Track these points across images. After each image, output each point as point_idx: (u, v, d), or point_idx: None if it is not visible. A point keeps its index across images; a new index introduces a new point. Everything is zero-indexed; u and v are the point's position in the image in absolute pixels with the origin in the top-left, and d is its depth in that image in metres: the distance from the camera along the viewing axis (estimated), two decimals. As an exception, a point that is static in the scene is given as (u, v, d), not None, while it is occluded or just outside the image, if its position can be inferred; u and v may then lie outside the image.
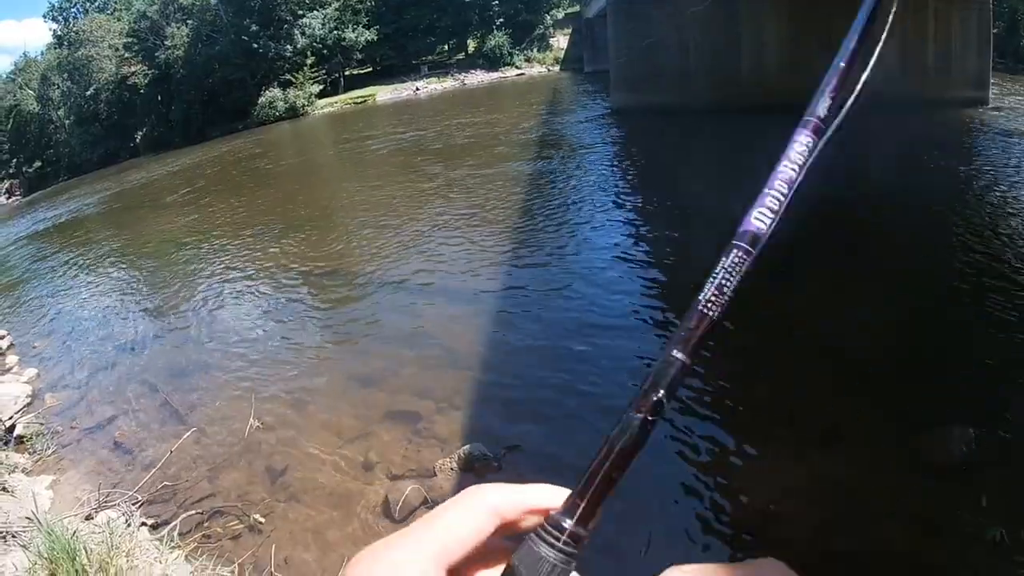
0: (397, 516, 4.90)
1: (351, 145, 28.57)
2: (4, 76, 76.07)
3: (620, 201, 11.20)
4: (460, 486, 5.01)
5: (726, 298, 0.46)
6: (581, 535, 0.45)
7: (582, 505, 0.45)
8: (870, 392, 5.35)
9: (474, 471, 5.15)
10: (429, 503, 4.96)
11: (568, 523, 0.45)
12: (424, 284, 9.58)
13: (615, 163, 14.29)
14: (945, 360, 5.78)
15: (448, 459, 5.30)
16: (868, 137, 9.57)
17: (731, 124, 15.28)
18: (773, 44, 16.47)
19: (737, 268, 0.47)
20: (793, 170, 0.48)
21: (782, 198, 0.48)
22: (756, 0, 16.92)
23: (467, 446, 5.31)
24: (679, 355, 0.46)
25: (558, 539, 0.44)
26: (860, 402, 5.22)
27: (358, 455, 5.77)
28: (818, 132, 0.49)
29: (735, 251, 0.47)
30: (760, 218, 0.47)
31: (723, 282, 0.47)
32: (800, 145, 0.49)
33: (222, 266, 13.76)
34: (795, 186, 0.48)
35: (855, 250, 8.27)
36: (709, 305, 0.46)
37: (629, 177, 12.74)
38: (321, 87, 58.32)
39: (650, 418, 0.46)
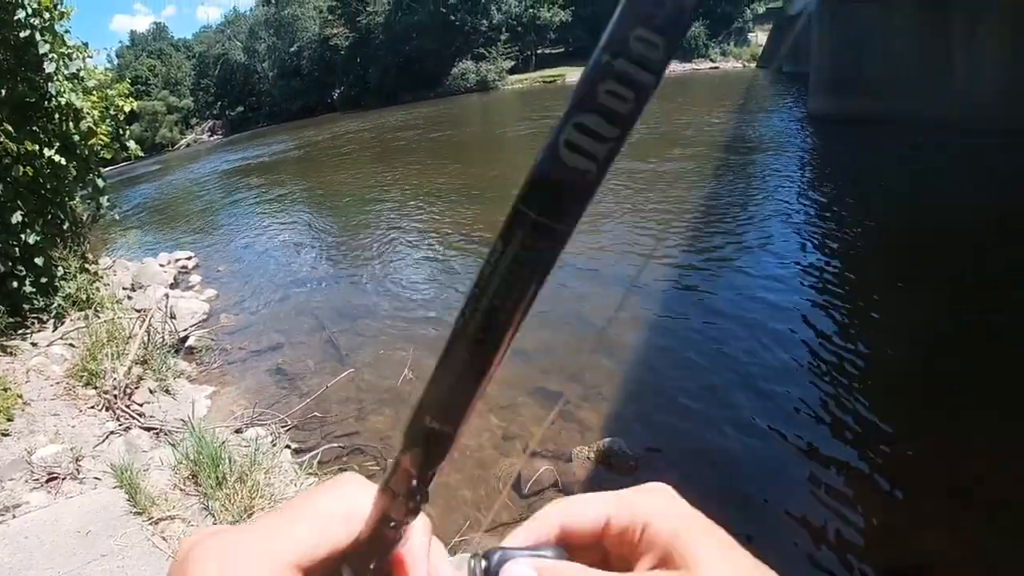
0: (526, 492, 4.88)
1: (536, 123, 28.86)
2: (214, 27, 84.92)
3: (804, 219, 10.37)
4: (594, 476, 4.93)
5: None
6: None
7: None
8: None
9: (610, 466, 5.03)
10: (560, 486, 4.93)
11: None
12: (590, 269, 9.46)
13: (805, 177, 13.28)
14: None
15: (587, 448, 5.21)
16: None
17: (938, 143, 13.80)
18: (991, 58, 14.53)
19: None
20: None
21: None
22: (973, 5, 14.94)
23: (608, 439, 5.20)
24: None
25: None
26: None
27: (500, 425, 5.84)
28: None
29: None
30: None
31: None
32: None
33: (398, 223, 14.46)
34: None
35: None
36: None
37: (818, 195, 11.82)
38: (512, 63, 59.62)
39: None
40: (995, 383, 5.36)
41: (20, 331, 6.85)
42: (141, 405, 5.86)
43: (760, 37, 54.69)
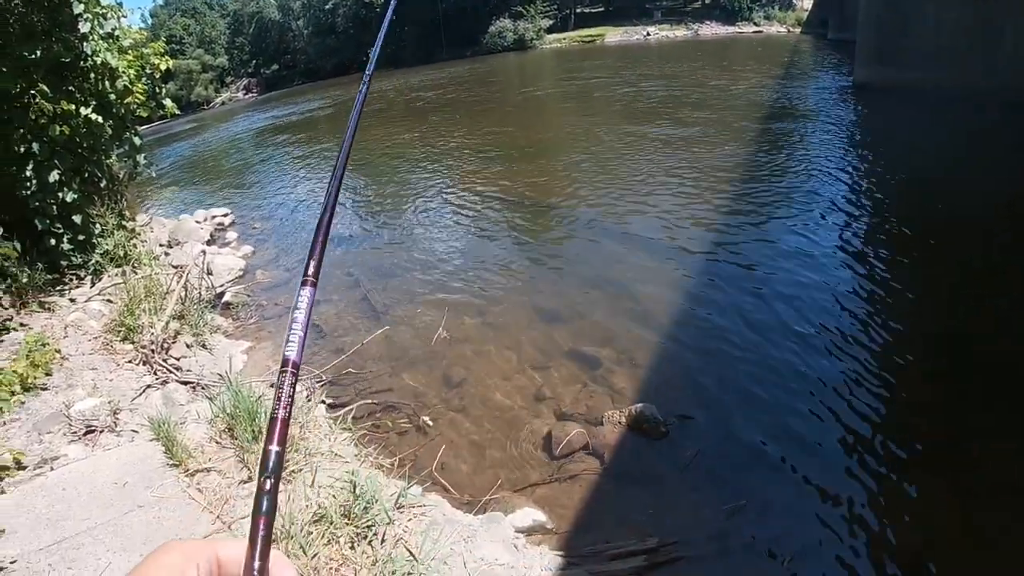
0: (557, 453, 4.88)
1: (573, 84, 28.44)
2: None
3: (837, 194, 9.89)
4: (624, 441, 4.90)
5: (286, 402, 0.69)
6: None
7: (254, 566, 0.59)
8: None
9: (641, 431, 4.99)
10: (590, 449, 4.92)
11: None
12: (627, 234, 9.39)
13: (847, 151, 12.73)
14: None
15: (618, 412, 5.18)
16: None
17: (985, 117, 13.30)
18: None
19: (289, 384, 0.70)
20: (304, 313, 0.75)
21: (302, 333, 0.73)
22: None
23: (640, 405, 5.15)
24: (274, 447, 0.66)
25: None
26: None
27: (532, 385, 5.83)
28: (314, 286, 0.79)
29: (283, 376, 0.70)
30: (291, 349, 0.72)
31: (281, 395, 0.69)
32: (304, 297, 0.77)
33: (435, 181, 14.46)
34: (307, 324, 0.75)
35: None
36: (279, 411, 0.68)
37: (852, 170, 11.37)
38: (551, 22, 58.52)
39: (266, 498, 0.62)
40: (1003, 370, 5.25)
41: (58, 287, 6.96)
42: (178, 359, 5.94)
43: (806, 2, 52.86)
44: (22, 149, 6.61)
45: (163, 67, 8.60)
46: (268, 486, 0.63)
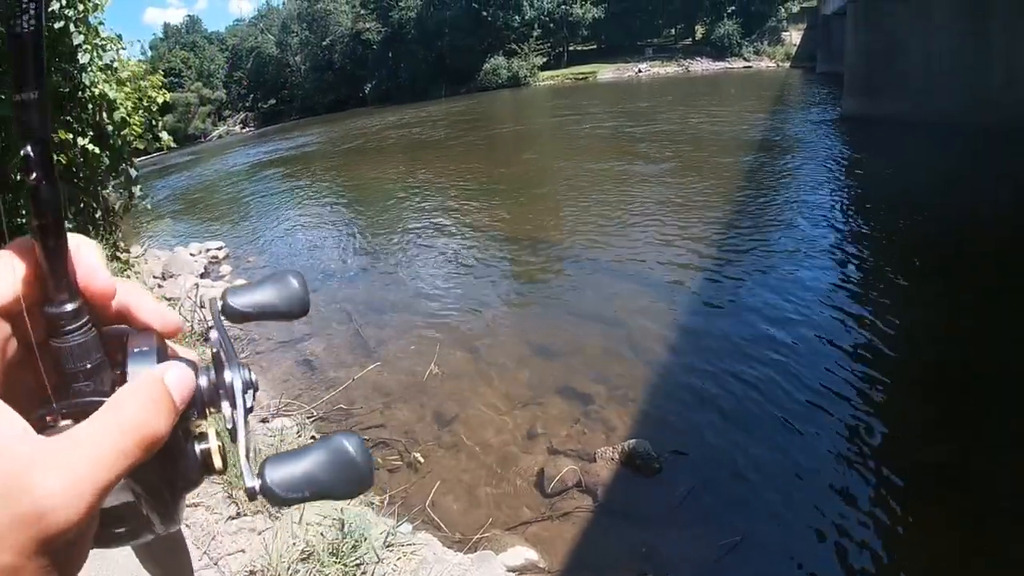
0: (549, 490, 4.83)
1: (566, 120, 28.84)
2: (247, 20, 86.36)
3: (831, 226, 10.04)
4: (617, 477, 4.86)
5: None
6: (81, 308, 0.44)
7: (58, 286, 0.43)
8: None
9: (635, 468, 4.95)
10: (583, 486, 4.87)
11: (68, 307, 0.43)
12: (619, 269, 9.43)
13: (836, 182, 12.90)
14: None
15: (611, 448, 5.14)
16: None
17: (978, 146, 13.53)
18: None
19: None
20: None
21: None
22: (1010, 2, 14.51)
23: (633, 441, 5.12)
24: (32, 95, 0.40)
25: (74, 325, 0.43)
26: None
27: (525, 422, 5.79)
28: None
29: None
30: None
31: None
32: None
33: (427, 218, 14.50)
34: None
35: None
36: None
37: (845, 203, 11.50)
38: (544, 59, 59.64)
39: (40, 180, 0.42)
40: (1002, 389, 5.30)
41: (51, 318, 6.92)
42: (168, 394, 5.88)
43: (794, 36, 54.11)
44: (19, 177, 6.62)
45: (160, 100, 8.69)
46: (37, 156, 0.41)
